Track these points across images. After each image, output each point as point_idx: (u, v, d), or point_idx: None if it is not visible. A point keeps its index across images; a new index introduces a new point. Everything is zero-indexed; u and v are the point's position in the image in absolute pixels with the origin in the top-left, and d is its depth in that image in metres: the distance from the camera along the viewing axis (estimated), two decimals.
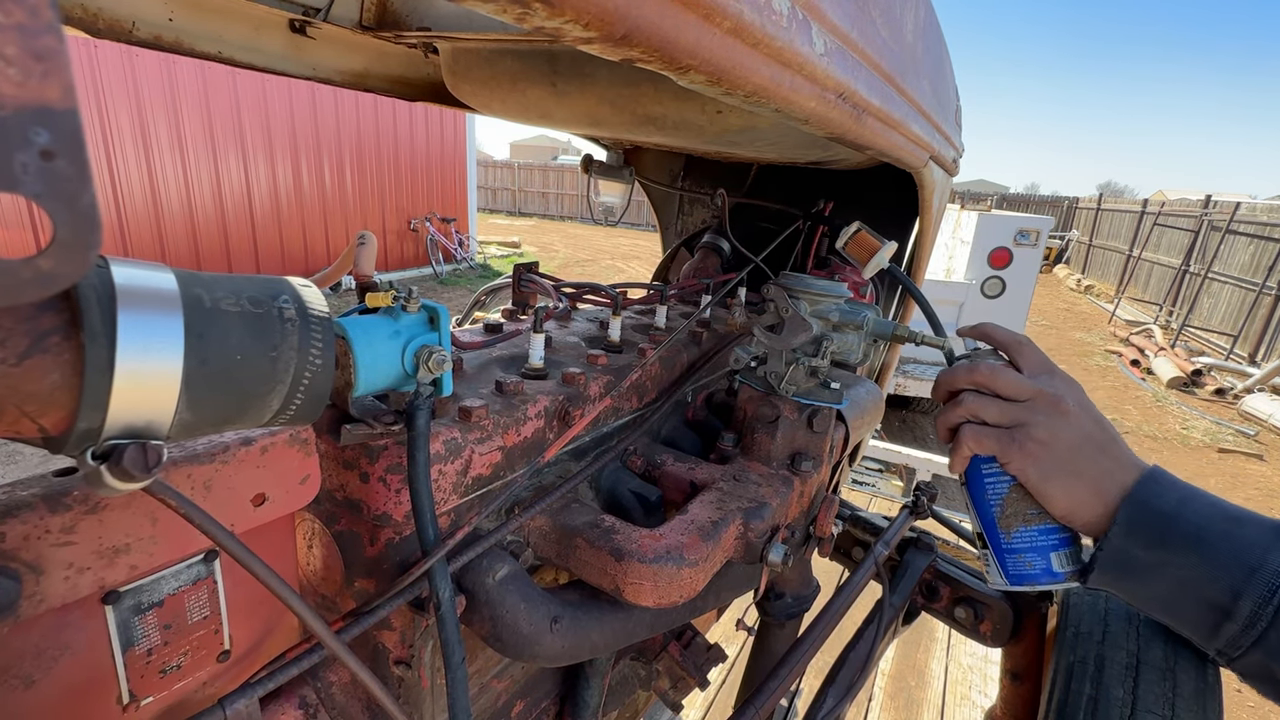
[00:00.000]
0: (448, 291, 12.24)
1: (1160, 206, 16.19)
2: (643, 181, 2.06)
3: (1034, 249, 7.13)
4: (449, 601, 0.62)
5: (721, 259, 1.66)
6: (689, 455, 1.03)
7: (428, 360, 0.63)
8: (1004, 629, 1.30)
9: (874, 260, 1.08)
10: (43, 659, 0.52)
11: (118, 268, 0.38)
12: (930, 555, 1.37)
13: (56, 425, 0.37)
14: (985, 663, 2.93)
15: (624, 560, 0.75)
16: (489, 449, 0.76)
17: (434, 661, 0.76)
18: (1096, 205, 20.96)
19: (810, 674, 2.41)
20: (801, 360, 0.96)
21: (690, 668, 1.18)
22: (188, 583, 0.60)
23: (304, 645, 0.59)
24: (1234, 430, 8.09)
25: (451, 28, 1.09)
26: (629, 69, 0.94)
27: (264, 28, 1.16)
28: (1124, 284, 15.97)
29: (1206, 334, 12.06)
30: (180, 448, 0.55)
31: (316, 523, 0.73)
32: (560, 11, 0.34)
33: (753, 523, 0.87)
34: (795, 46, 0.55)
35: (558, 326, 1.21)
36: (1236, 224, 11.88)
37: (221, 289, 0.43)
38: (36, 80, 0.25)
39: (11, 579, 0.46)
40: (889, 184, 1.57)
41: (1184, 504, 0.63)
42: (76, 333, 0.36)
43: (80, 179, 0.27)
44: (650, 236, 23.24)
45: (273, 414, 0.47)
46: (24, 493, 0.48)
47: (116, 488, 0.38)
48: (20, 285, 0.27)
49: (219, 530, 0.46)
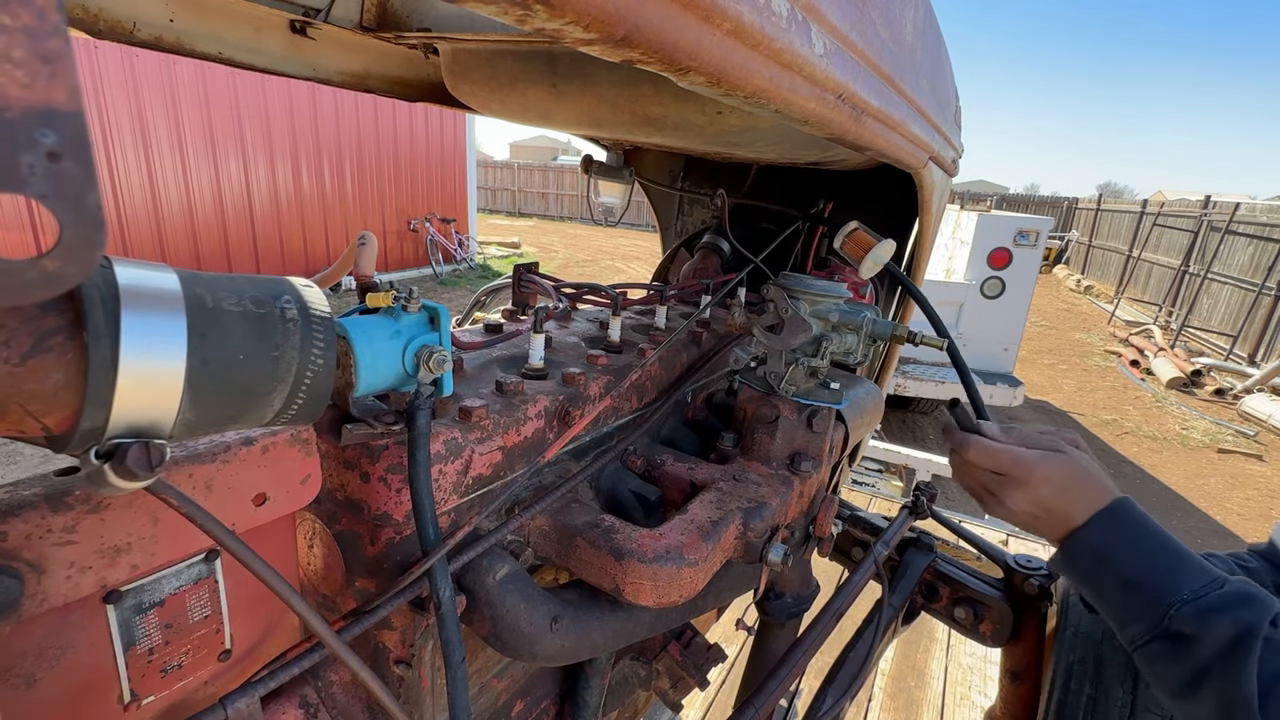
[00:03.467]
0: (448, 292, 12.24)
1: (1160, 207, 16.19)
2: (643, 182, 2.06)
3: (1033, 249, 7.13)
4: (449, 601, 0.62)
5: (721, 259, 1.66)
6: (689, 455, 1.03)
7: (428, 360, 0.63)
8: (1004, 629, 1.30)
9: (870, 258, 1.08)
10: (44, 658, 0.52)
11: (121, 268, 0.38)
12: (930, 555, 1.38)
13: (60, 424, 0.37)
14: (985, 663, 2.93)
15: (624, 560, 0.75)
16: (489, 449, 0.76)
17: (434, 661, 0.76)
18: (1096, 206, 20.97)
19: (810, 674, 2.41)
20: (801, 360, 0.96)
21: (690, 668, 1.18)
22: (189, 582, 0.60)
23: (305, 645, 0.60)
24: (1234, 430, 8.09)
25: (452, 29, 1.09)
26: (629, 70, 0.94)
27: (264, 28, 1.16)
28: (1123, 284, 15.98)
29: (1206, 334, 12.06)
30: (182, 447, 0.55)
31: (317, 522, 0.73)
32: (561, 13, 0.35)
33: (752, 523, 0.87)
34: (795, 48, 0.55)
35: (558, 327, 1.21)
36: (1236, 224, 11.89)
37: (224, 289, 0.43)
38: (43, 82, 0.25)
39: (13, 578, 0.46)
40: (889, 185, 1.57)
41: (1098, 566, 0.82)
42: (80, 332, 0.36)
43: (86, 180, 0.27)
44: (650, 237, 23.24)
45: (274, 414, 0.48)
46: (26, 492, 0.48)
47: (119, 487, 0.38)
48: (26, 285, 0.27)
49: (220, 530, 0.46)
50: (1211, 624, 0.72)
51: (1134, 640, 0.79)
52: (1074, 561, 0.85)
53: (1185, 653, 0.74)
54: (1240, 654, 0.70)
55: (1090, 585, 0.84)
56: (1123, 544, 0.82)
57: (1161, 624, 0.76)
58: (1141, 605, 0.78)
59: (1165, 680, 0.77)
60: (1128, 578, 0.80)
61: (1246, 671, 0.69)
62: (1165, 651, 0.76)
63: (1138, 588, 0.79)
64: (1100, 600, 0.84)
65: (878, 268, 1.09)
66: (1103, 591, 0.83)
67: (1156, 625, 0.76)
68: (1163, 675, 0.77)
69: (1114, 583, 0.81)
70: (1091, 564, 0.83)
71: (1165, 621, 0.75)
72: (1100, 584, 0.83)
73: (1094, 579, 0.83)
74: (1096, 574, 0.83)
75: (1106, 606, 0.83)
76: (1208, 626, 0.72)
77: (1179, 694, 0.76)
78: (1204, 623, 0.73)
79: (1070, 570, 0.87)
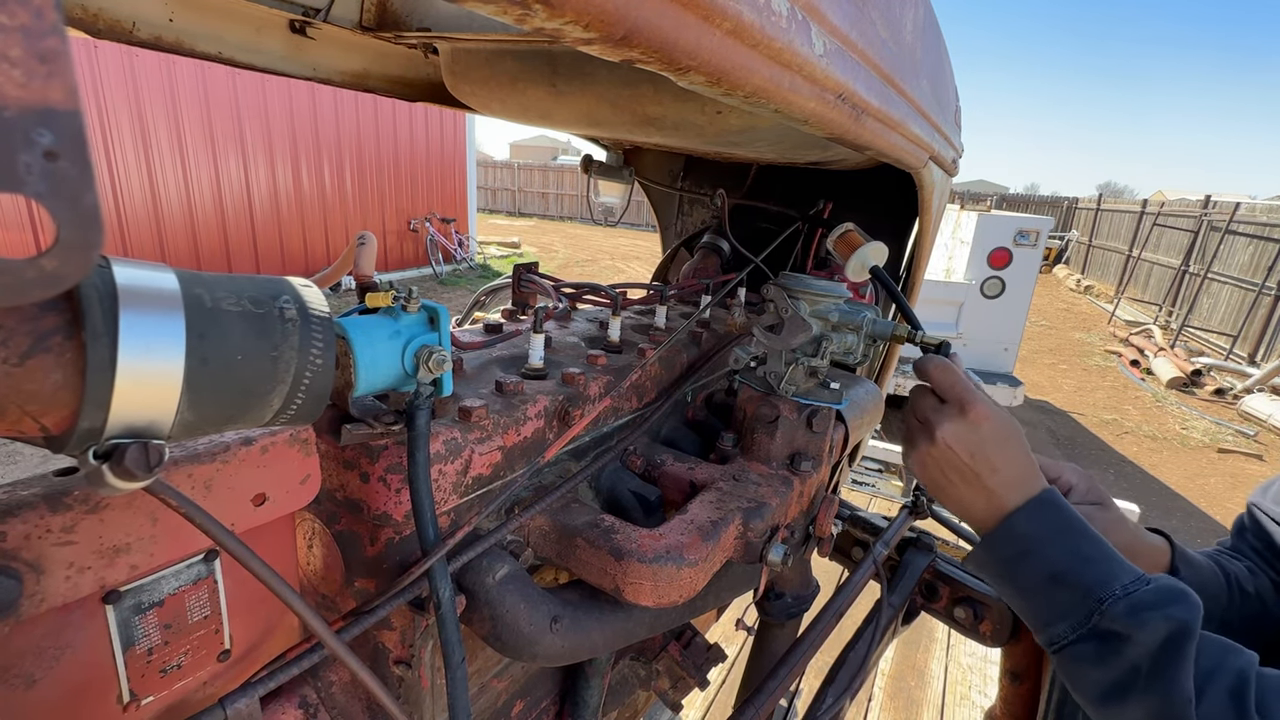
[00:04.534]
0: (447, 292, 12.24)
1: (1160, 207, 16.19)
2: (642, 182, 2.06)
3: (1033, 249, 7.13)
4: (449, 601, 0.62)
5: (721, 259, 1.66)
6: (689, 455, 1.03)
7: (428, 360, 0.63)
8: (1003, 629, 1.30)
9: (855, 259, 1.05)
10: (43, 658, 0.52)
11: (119, 268, 0.38)
12: (930, 555, 1.38)
13: (58, 424, 0.37)
14: (985, 663, 2.93)
15: (624, 560, 0.75)
16: (489, 449, 0.76)
17: (434, 661, 0.76)
18: (1096, 205, 20.97)
19: (810, 674, 2.41)
20: (801, 360, 0.96)
21: (690, 668, 1.18)
22: (188, 582, 0.60)
23: (304, 645, 0.59)
24: (1233, 430, 8.09)
25: (451, 28, 1.09)
26: (629, 70, 0.94)
27: (264, 28, 1.16)
28: (1123, 284, 15.98)
29: (1206, 334, 12.06)
30: (181, 447, 0.55)
31: (317, 522, 0.73)
32: (561, 12, 0.35)
33: (752, 523, 0.87)
34: (795, 47, 0.55)
35: (558, 327, 1.21)
36: (1236, 224, 11.89)
37: (223, 289, 0.43)
38: (40, 81, 0.25)
39: (12, 578, 0.46)
40: (889, 185, 1.57)
41: (1021, 559, 0.77)
42: (78, 332, 0.36)
43: (83, 180, 0.27)
44: (650, 237, 23.25)
45: (273, 414, 0.47)
46: (25, 492, 0.48)
47: (118, 487, 0.38)
48: (23, 285, 0.27)
49: (219, 530, 0.46)
50: (1145, 621, 0.68)
51: (1056, 641, 0.74)
52: (998, 551, 0.79)
53: (1114, 653, 0.69)
54: (1175, 654, 0.66)
55: (1011, 579, 0.79)
56: (1050, 535, 0.76)
57: (1089, 621, 0.71)
58: (1068, 601, 0.73)
59: (1088, 685, 0.72)
60: (1054, 571, 0.74)
61: (1184, 672, 0.65)
62: (1092, 653, 0.71)
63: (1064, 582, 0.73)
64: (1020, 596, 0.78)
65: (864, 270, 1.07)
66: (1024, 586, 0.77)
67: (1084, 623, 0.71)
68: (1086, 679, 0.72)
69: (1038, 576, 0.75)
70: (1015, 555, 0.78)
71: (1094, 619, 0.70)
72: (1023, 578, 0.77)
73: (1016, 572, 0.78)
74: (1019, 567, 0.77)
75: (1027, 603, 0.78)
76: (1141, 624, 0.68)
77: (1103, 700, 0.71)
78: (1137, 620, 0.68)
79: (990, 561, 0.80)
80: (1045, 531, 0.77)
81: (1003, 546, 0.79)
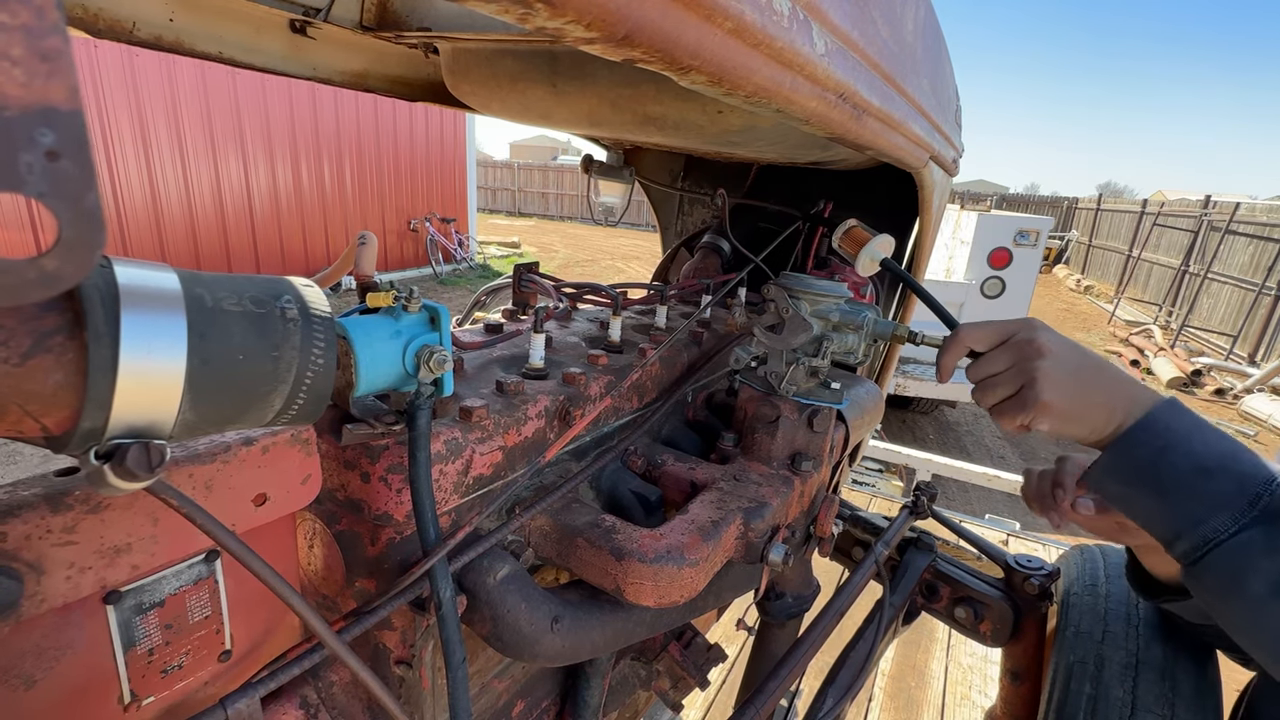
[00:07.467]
0: (448, 291, 12.23)
1: (1160, 207, 16.18)
2: (643, 182, 2.06)
3: (1034, 249, 7.13)
4: (450, 601, 0.62)
5: (721, 259, 1.66)
6: (689, 455, 1.03)
7: (429, 360, 0.63)
8: (1004, 629, 1.30)
9: (865, 254, 1.05)
10: (44, 659, 0.52)
11: (121, 268, 0.38)
12: (930, 555, 1.38)
13: (60, 425, 0.37)
14: (985, 663, 2.93)
15: (624, 560, 0.75)
16: (490, 449, 0.76)
17: (435, 661, 0.76)
18: (1096, 205, 20.96)
19: (810, 674, 2.41)
20: (802, 360, 0.96)
21: (690, 668, 1.18)
22: (189, 582, 0.60)
23: (305, 645, 0.59)
24: (1234, 430, 8.09)
25: (452, 28, 1.09)
26: (629, 69, 0.94)
27: (264, 28, 1.16)
28: (1123, 284, 15.97)
29: (1206, 334, 12.06)
30: (182, 447, 0.55)
31: (318, 522, 0.73)
32: (562, 12, 0.35)
33: (753, 522, 0.87)
34: (796, 47, 0.55)
35: (558, 326, 1.21)
36: (1236, 224, 11.89)
37: (224, 289, 0.43)
38: (41, 81, 0.25)
39: (13, 579, 0.46)
40: (889, 184, 1.57)
41: (1162, 454, 0.72)
42: (80, 332, 0.36)
43: (84, 179, 0.27)
44: (650, 236, 23.23)
45: (275, 414, 0.47)
46: (25, 492, 0.48)
47: (119, 487, 0.38)
48: (24, 285, 0.27)
49: (220, 530, 0.46)
50: None
51: (1213, 536, 0.68)
52: (1138, 450, 0.74)
53: None
54: None
55: (1154, 478, 0.73)
56: (1189, 430, 0.72)
57: (1257, 506, 0.65)
58: (1223, 492, 0.68)
59: (1258, 579, 0.66)
60: (1201, 464, 0.70)
61: None
62: (1261, 540, 0.65)
63: (1215, 474, 0.69)
64: (1162, 498, 0.72)
65: (875, 264, 1.07)
66: (1170, 484, 0.71)
67: (1249, 509, 0.66)
68: (1255, 572, 0.66)
69: (1184, 470, 0.70)
70: (1157, 450, 0.72)
71: (1264, 500, 0.65)
72: (1167, 475, 0.71)
73: (1160, 469, 0.72)
74: (1162, 462, 0.72)
75: (1170, 504, 0.72)
76: None
77: (1277, 591, 0.65)
78: None
79: (1125, 465, 0.75)
80: (1185, 426, 0.73)
81: (1143, 444, 0.74)
